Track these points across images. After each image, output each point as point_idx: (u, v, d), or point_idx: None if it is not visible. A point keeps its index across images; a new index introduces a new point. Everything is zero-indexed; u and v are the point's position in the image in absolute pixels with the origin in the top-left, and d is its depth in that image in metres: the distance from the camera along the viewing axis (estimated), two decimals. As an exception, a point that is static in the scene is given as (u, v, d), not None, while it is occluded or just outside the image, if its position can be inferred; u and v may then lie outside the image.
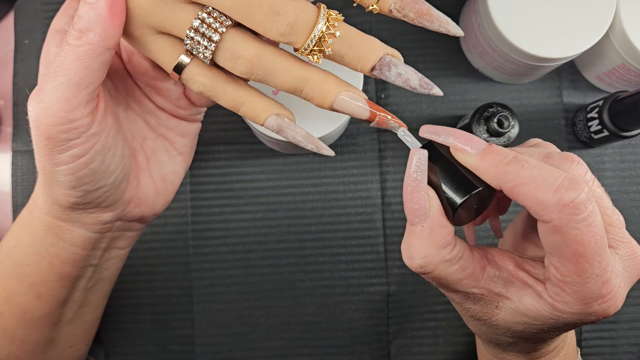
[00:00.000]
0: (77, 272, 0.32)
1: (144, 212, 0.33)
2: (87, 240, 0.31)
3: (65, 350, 0.36)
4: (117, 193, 0.30)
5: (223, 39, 0.24)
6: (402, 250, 0.26)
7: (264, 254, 0.47)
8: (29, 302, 0.33)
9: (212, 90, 0.26)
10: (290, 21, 0.23)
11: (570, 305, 0.24)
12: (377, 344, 0.47)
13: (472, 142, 0.24)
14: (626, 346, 0.47)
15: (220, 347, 0.47)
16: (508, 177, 0.23)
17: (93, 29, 0.24)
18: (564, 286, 0.23)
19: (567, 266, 0.23)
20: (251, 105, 0.27)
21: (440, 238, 0.24)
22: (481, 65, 0.48)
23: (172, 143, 0.33)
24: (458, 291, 0.26)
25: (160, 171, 0.33)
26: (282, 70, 0.25)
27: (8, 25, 0.49)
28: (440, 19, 0.25)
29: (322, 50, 0.24)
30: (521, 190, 0.23)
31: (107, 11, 0.24)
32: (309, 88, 0.25)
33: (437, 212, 0.25)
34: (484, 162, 0.24)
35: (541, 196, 0.22)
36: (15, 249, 0.32)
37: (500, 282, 0.25)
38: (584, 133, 0.47)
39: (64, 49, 0.24)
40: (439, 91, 0.25)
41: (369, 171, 0.48)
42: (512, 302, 0.25)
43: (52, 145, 0.26)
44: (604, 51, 0.45)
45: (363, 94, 0.26)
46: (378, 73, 0.25)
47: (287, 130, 0.27)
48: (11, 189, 0.48)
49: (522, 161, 0.23)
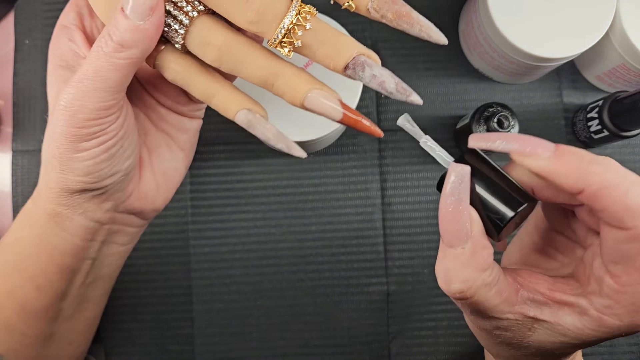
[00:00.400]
0: (76, 264, 0.33)
1: (143, 206, 0.33)
2: (86, 230, 0.31)
3: (65, 347, 0.36)
4: (125, 180, 0.30)
5: (194, 22, 0.25)
6: (438, 274, 0.24)
7: (263, 253, 0.47)
8: (28, 294, 0.33)
9: (184, 79, 0.26)
10: (259, 9, 0.23)
11: (622, 317, 0.22)
12: (377, 343, 0.47)
13: (542, 145, 0.22)
14: (626, 346, 0.47)
15: (220, 347, 0.47)
16: (593, 180, 0.21)
17: (136, 47, 0.24)
18: (620, 297, 0.22)
19: (633, 275, 0.22)
20: (222, 98, 0.26)
21: (482, 261, 0.23)
22: (481, 65, 0.48)
23: (173, 138, 0.34)
24: (492, 318, 0.24)
25: (162, 166, 0.33)
26: (252, 61, 0.24)
27: (8, 25, 0.49)
28: (421, 22, 0.23)
29: (292, 42, 0.24)
30: (608, 193, 0.21)
31: (155, 31, 0.24)
32: (280, 82, 0.24)
33: (479, 233, 0.23)
34: (563, 164, 0.22)
35: (630, 202, 0.21)
36: (17, 242, 0.33)
37: (533, 305, 0.24)
38: (583, 133, 0.47)
39: (99, 56, 0.25)
40: (418, 99, 0.23)
41: (369, 171, 0.48)
42: (549, 324, 0.24)
43: (81, 135, 0.27)
44: (604, 51, 0.45)
45: (337, 95, 0.25)
46: (352, 73, 0.24)
47: (257, 126, 0.26)
48: (11, 189, 0.48)
49: (603, 161, 0.22)
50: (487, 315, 0.24)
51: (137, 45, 0.24)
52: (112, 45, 0.24)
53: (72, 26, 0.29)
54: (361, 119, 0.24)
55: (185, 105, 0.32)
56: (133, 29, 0.24)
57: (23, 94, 0.48)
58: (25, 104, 0.48)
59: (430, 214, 0.48)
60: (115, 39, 0.24)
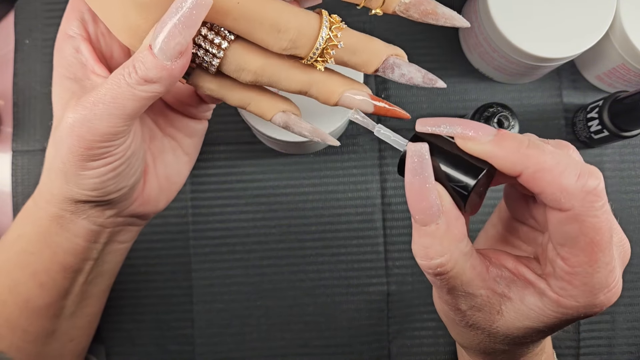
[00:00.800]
0: (78, 264, 0.33)
1: (146, 210, 0.33)
2: (89, 233, 0.32)
3: (67, 343, 0.37)
4: (130, 192, 0.31)
5: (226, 54, 0.25)
6: (416, 252, 0.24)
7: (264, 254, 0.47)
8: (31, 290, 0.33)
9: (219, 93, 0.27)
10: (292, 37, 0.24)
11: (577, 298, 0.23)
12: (377, 343, 0.47)
13: (483, 129, 0.23)
14: (624, 346, 0.47)
15: (220, 347, 0.47)
16: (530, 162, 0.22)
17: (160, 83, 0.24)
18: (572, 278, 0.23)
19: (579, 256, 0.22)
20: (258, 104, 0.27)
21: (458, 231, 0.23)
22: (481, 65, 0.48)
23: (179, 143, 0.34)
24: (467, 294, 0.25)
25: (166, 171, 0.34)
26: (286, 77, 0.26)
27: (8, 25, 0.49)
28: (446, 15, 0.25)
29: (325, 60, 0.25)
30: (543, 175, 0.22)
31: (181, 72, 0.24)
32: (314, 90, 0.26)
33: (450, 205, 0.23)
34: (502, 148, 0.22)
35: (565, 182, 0.21)
36: (20, 238, 0.33)
37: (502, 282, 0.25)
38: (583, 133, 0.47)
39: (120, 84, 0.25)
40: (442, 83, 0.26)
41: (369, 171, 0.48)
42: (514, 303, 0.24)
43: (88, 155, 0.27)
44: (604, 51, 0.45)
45: (367, 89, 0.26)
46: (381, 74, 0.25)
47: (294, 126, 0.28)
48: (11, 189, 0.48)
49: (541, 146, 0.22)
50: (462, 292, 0.24)
51: (161, 82, 0.24)
52: (135, 78, 0.24)
53: (77, 36, 0.29)
54: (391, 107, 0.26)
55: (196, 105, 0.33)
56: (159, 68, 0.24)
57: (23, 94, 0.48)
58: (25, 104, 0.48)
59: (430, 214, 0.48)
60: (140, 74, 0.24)
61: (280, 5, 0.24)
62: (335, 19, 0.25)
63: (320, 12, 0.25)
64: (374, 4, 0.25)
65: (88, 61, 0.29)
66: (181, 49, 0.23)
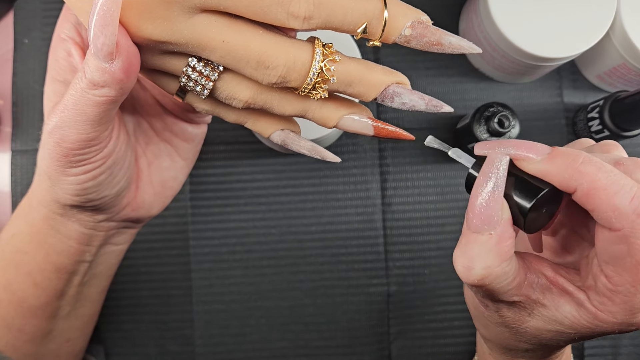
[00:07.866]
0: (72, 265, 0.33)
1: (139, 214, 0.33)
2: (81, 235, 0.31)
3: (63, 344, 0.37)
4: (117, 199, 0.31)
5: (216, 85, 0.24)
6: (457, 260, 0.24)
7: (263, 254, 0.47)
8: (25, 290, 0.33)
9: (215, 112, 0.27)
10: (281, 74, 0.23)
11: (616, 315, 0.23)
12: (377, 344, 0.47)
13: (535, 148, 0.23)
14: (631, 347, 0.47)
15: (220, 348, 0.47)
16: (584, 178, 0.22)
17: (109, 87, 0.23)
18: (614, 296, 0.23)
19: (623, 276, 0.22)
20: (255, 123, 0.27)
21: (506, 250, 0.23)
22: (481, 64, 0.48)
23: (175, 148, 0.34)
24: (501, 301, 0.25)
25: (161, 176, 0.33)
26: (278, 105, 0.25)
27: (7, 24, 0.49)
28: (453, 45, 0.23)
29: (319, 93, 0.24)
30: (597, 193, 0.22)
31: (124, 74, 0.23)
32: (309, 115, 0.25)
33: (508, 220, 0.23)
34: (554, 165, 0.23)
35: (618, 203, 0.21)
36: (15, 237, 0.33)
37: (538, 289, 0.25)
38: (584, 133, 0.47)
39: (76, 89, 0.24)
40: (449, 108, 0.24)
41: (369, 171, 0.48)
42: (547, 309, 0.24)
43: (67, 161, 0.26)
44: (604, 51, 0.45)
45: (367, 112, 0.26)
46: (381, 102, 0.24)
47: (292, 144, 0.27)
48: (10, 188, 0.47)
49: (597, 163, 0.22)
50: (496, 299, 0.24)
51: (109, 86, 0.23)
52: (85, 81, 0.23)
53: (68, 39, 0.28)
54: (392, 128, 0.25)
55: (194, 111, 0.32)
56: (101, 70, 0.22)
57: (22, 94, 0.48)
58: (25, 103, 0.48)
59: (430, 215, 0.48)
60: (88, 76, 0.23)
61: (269, 39, 0.23)
62: (330, 49, 0.23)
63: (313, 42, 0.23)
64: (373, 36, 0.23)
65: (78, 64, 0.28)
66: (109, 50, 0.22)
